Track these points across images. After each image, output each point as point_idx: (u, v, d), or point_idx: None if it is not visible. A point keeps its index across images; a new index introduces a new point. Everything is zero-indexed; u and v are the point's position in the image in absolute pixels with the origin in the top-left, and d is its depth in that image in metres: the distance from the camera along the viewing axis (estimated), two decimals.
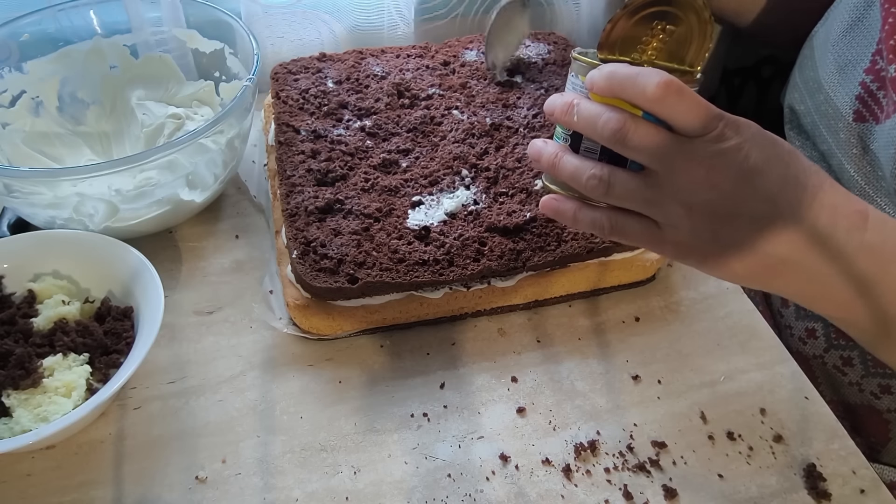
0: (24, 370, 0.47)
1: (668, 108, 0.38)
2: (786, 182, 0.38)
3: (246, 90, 0.59)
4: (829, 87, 0.58)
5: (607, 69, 0.40)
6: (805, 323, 0.62)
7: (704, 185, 0.38)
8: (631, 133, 0.38)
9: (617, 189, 0.40)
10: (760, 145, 0.39)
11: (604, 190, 0.40)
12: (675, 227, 0.40)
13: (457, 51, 0.75)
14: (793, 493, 0.48)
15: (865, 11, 0.57)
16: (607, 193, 0.40)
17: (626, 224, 0.42)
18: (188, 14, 0.70)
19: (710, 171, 0.38)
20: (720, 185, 0.38)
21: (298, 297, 0.55)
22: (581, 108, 0.40)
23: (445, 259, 0.54)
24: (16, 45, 0.66)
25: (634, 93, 0.38)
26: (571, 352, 0.56)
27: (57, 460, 0.48)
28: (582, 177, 0.41)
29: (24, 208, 0.57)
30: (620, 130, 0.38)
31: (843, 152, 0.57)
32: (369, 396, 0.53)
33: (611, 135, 0.39)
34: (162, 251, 0.62)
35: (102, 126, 0.70)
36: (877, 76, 0.55)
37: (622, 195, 0.40)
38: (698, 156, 0.38)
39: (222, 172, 0.62)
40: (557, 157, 0.43)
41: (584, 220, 0.43)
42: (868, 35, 0.56)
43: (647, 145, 0.38)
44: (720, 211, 0.38)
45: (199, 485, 0.47)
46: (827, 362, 0.61)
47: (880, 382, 0.59)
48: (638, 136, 0.38)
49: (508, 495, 0.47)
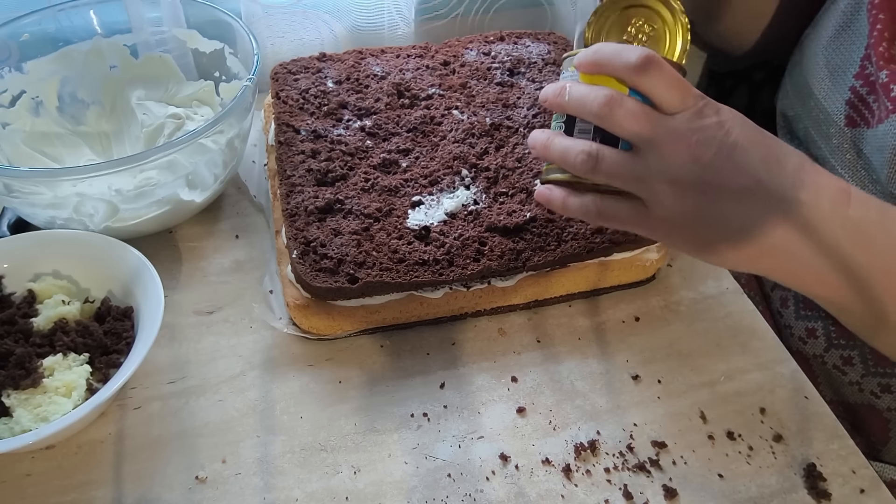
0: (24, 370, 0.47)
1: (650, 80, 0.40)
2: (767, 161, 0.39)
3: (246, 90, 0.59)
4: (819, 92, 0.58)
5: (593, 48, 0.42)
6: (805, 323, 0.62)
7: (687, 158, 0.39)
8: (617, 107, 0.40)
9: (605, 164, 0.41)
10: (741, 125, 0.40)
11: (592, 165, 0.42)
12: (661, 203, 0.41)
13: (457, 51, 0.75)
14: (793, 493, 0.48)
15: (853, 17, 0.57)
16: (595, 169, 0.42)
17: (613, 206, 0.43)
18: (188, 14, 0.70)
19: (692, 146, 0.39)
20: (702, 159, 0.39)
21: (298, 297, 0.55)
22: (571, 89, 0.42)
23: (445, 259, 0.54)
24: (16, 45, 0.66)
25: (619, 64, 0.40)
26: (571, 352, 0.56)
27: (57, 460, 0.48)
28: (571, 154, 0.42)
29: (24, 208, 0.57)
30: (607, 104, 0.40)
31: (837, 157, 0.58)
32: (369, 396, 0.53)
33: (598, 108, 0.40)
34: (162, 251, 0.62)
35: (102, 126, 0.70)
36: (866, 81, 0.55)
37: (610, 170, 0.41)
38: (680, 129, 0.39)
39: (222, 172, 0.62)
40: (549, 140, 0.44)
41: (573, 206, 0.45)
42: (856, 40, 0.56)
43: (632, 120, 0.40)
44: (704, 186, 0.39)
45: (199, 485, 0.47)
46: (827, 362, 0.61)
47: (880, 381, 0.59)
48: (624, 110, 0.40)
49: (508, 495, 0.47)
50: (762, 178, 0.39)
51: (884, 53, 0.52)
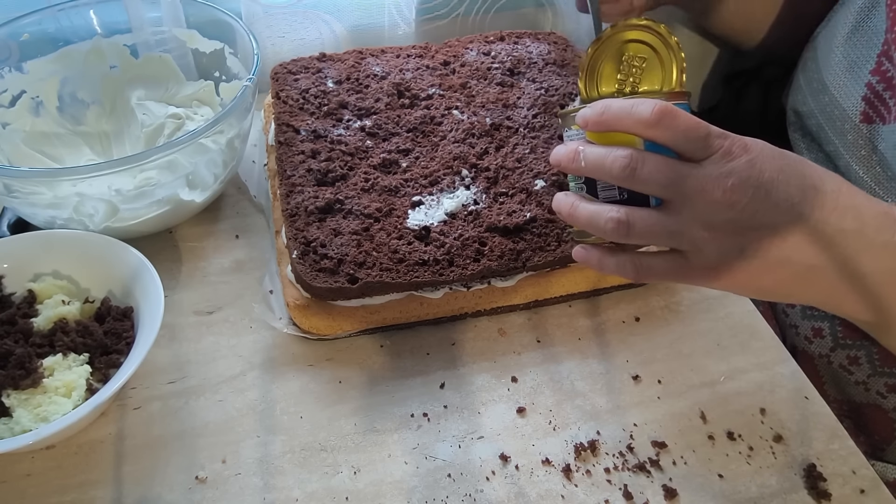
0: (24, 370, 0.47)
1: (669, 132, 0.38)
2: (804, 189, 0.38)
3: (246, 90, 0.59)
4: (834, 88, 0.58)
5: (599, 105, 0.40)
6: (811, 322, 0.62)
7: (723, 204, 0.38)
8: (640, 166, 0.38)
9: (637, 227, 0.40)
10: (771, 157, 0.38)
11: (625, 231, 0.40)
12: (701, 251, 0.39)
13: (457, 51, 0.75)
14: (793, 493, 0.48)
15: (870, 13, 0.57)
16: (629, 234, 0.40)
17: (651, 263, 0.42)
18: (188, 14, 0.70)
19: (726, 191, 0.37)
20: (739, 202, 0.37)
21: (298, 297, 0.55)
22: (587, 153, 0.40)
23: (445, 259, 0.54)
24: (16, 45, 0.66)
25: (632, 122, 0.38)
26: (571, 352, 0.56)
27: (57, 460, 0.48)
28: (600, 222, 0.41)
29: (24, 208, 0.57)
30: (629, 165, 0.38)
31: (851, 153, 0.57)
32: (369, 396, 0.53)
33: (620, 171, 0.39)
34: (162, 251, 0.62)
35: (102, 126, 0.70)
36: (883, 77, 0.55)
37: (643, 232, 0.40)
38: (712, 176, 0.38)
39: (222, 172, 0.62)
40: (573, 206, 0.42)
41: (609, 266, 0.43)
42: (873, 37, 0.56)
43: (658, 175, 0.38)
44: (743, 227, 0.38)
45: (199, 485, 0.47)
46: (833, 361, 0.61)
47: (887, 382, 0.59)
48: (648, 167, 0.38)
49: (508, 495, 0.47)
50: (801, 208, 0.38)
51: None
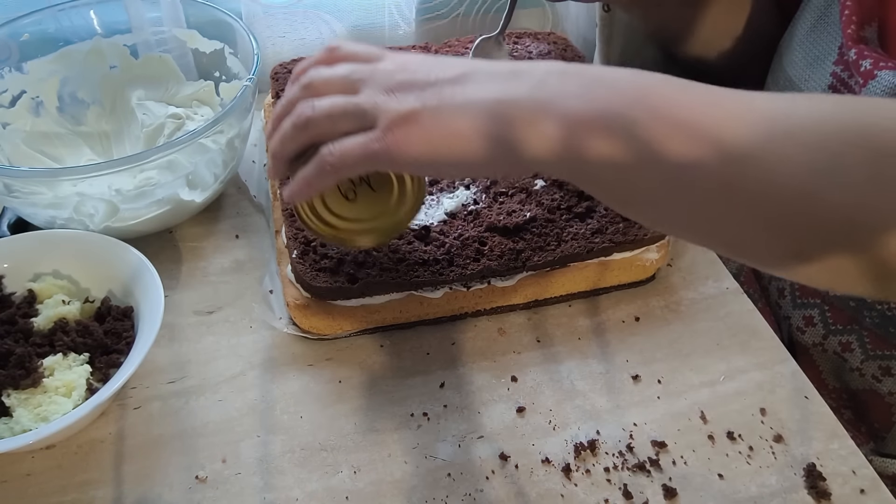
0: (25, 370, 0.47)
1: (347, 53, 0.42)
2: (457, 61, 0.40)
3: (246, 90, 0.59)
4: (799, 81, 0.59)
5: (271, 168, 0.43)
6: (802, 311, 0.62)
7: (397, 69, 0.40)
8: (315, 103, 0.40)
9: (321, 103, 0.40)
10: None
11: (310, 109, 0.40)
12: (385, 110, 0.39)
13: (457, 51, 0.75)
14: (793, 493, 0.48)
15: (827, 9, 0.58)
16: (314, 110, 0.40)
17: (344, 143, 0.40)
18: (188, 14, 0.71)
19: (399, 63, 0.40)
20: (411, 64, 0.40)
21: (298, 296, 0.55)
22: (271, 148, 0.42)
23: (445, 259, 0.54)
24: (16, 45, 0.66)
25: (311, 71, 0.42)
26: (571, 352, 0.56)
27: (57, 460, 0.48)
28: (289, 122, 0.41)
29: (24, 208, 0.57)
30: (302, 112, 0.40)
31: None
32: (369, 396, 0.53)
33: (301, 122, 0.40)
34: (162, 251, 0.62)
35: (102, 126, 0.70)
36: (846, 66, 0.55)
37: (329, 107, 0.40)
38: (385, 61, 0.41)
39: (222, 172, 0.63)
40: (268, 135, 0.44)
41: (311, 172, 0.41)
42: (833, 30, 0.57)
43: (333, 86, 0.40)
44: (420, 82, 0.39)
45: (199, 484, 0.47)
46: (827, 349, 0.61)
47: (880, 364, 0.59)
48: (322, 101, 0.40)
49: (508, 495, 0.47)
50: (474, 62, 0.39)
51: (852, 35, 0.52)
